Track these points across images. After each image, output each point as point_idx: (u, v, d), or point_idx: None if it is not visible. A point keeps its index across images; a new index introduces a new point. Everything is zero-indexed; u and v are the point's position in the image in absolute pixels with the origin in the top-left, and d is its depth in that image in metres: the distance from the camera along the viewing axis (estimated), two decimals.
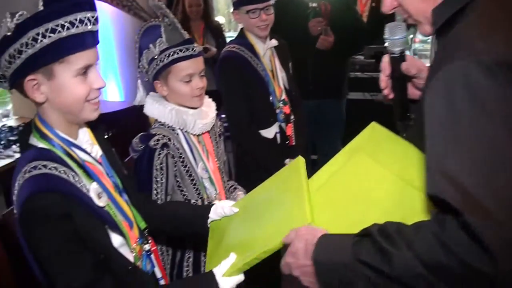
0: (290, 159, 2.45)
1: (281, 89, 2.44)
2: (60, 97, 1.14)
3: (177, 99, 1.73)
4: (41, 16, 1.04)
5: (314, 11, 3.28)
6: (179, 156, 1.70)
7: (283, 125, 2.43)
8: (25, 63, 1.06)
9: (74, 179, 1.14)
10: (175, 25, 1.68)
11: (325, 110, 3.60)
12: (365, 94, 4.45)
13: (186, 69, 1.68)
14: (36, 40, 1.05)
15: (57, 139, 1.18)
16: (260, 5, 2.27)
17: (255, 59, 2.34)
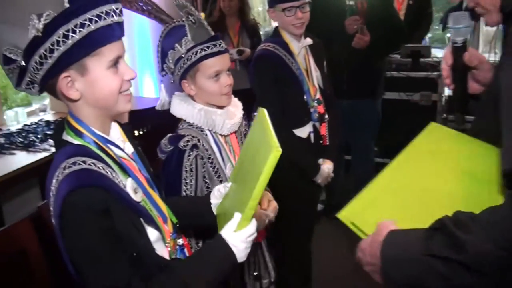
0: (324, 159, 2.44)
1: (315, 88, 2.41)
2: (95, 91, 1.14)
3: (206, 97, 1.72)
4: (68, 12, 1.05)
5: (351, 9, 3.25)
6: (208, 157, 1.69)
7: (317, 124, 2.41)
8: (58, 61, 1.07)
9: (112, 175, 1.15)
10: (200, 22, 1.66)
11: (359, 110, 3.57)
12: (400, 94, 4.37)
13: (214, 65, 1.67)
14: (67, 36, 1.05)
15: (92, 135, 1.19)
16: (296, 3, 2.25)
17: (289, 57, 2.32)
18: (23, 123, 3.54)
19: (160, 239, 1.29)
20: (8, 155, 2.93)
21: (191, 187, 1.65)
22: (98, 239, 1.08)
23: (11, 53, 1.07)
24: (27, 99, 4.12)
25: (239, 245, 1.21)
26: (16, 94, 4.69)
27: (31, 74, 1.10)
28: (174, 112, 1.75)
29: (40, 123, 3.50)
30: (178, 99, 1.74)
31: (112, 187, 1.12)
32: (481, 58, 1.32)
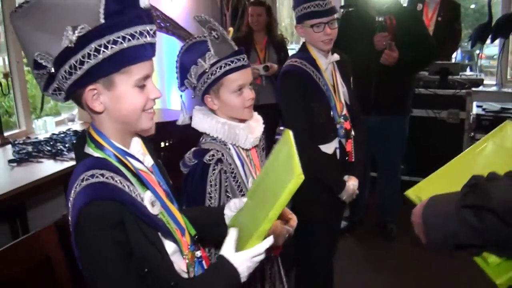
0: (349, 175, 2.42)
1: (342, 104, 2.40)
2: (118, 106, 1.16)
3: (229, 111, 1.72)
4: (102, 28, 1.06)
5: (381, 26, 3.25)
6: (231, 171, 1.68)
7: (343, 140, 2.39)
8: (86, 73, 1.08)
9: (129, 189, 1.15)
10: (223, 37, 1.66)
11: (387, 127, 3.55)
12: (428, 111, 4.33)
13: (238, 80, 1.67)
14: (98, 51, 1.06)
15: (112, 148, 1.20)
16: (325, 19, 2.26)
17: (317, 73, 2.31)
18: (51, 132, 3.59)
19: (177, 251, 1.29)
20: (35, 163, 2.97)
21: (215, 201, 1.65)
22: (109, 252, 1.09)
23: (42, 59, 1.09)
24: (56, 108, 4.19)
25: (242, 264, 1.21)
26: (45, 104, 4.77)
27: (59, 81, 1.11)
28: (196, 126, 1.75)
29: (68, 132, 3.55)
30: (201, 114, 1.75)
31: (128, 200, 1.13)
32: None
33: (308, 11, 2.25)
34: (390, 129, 3.58)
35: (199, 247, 1.38)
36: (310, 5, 2.24)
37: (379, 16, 3.27)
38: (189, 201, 1.65)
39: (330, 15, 2.27)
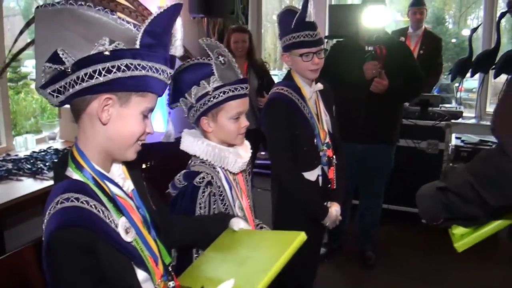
0: (332, 202, 2.46)
1: (325, 132, 2.44)
2: (121, 125, 1.18)
3: (222, 136, 1.75)
4: (137, 52, 1.12)
5: (371, 55, 3.31)
6: (219, 194, 1.70)
7: (325, 168, 2.43)
8: (109, 82, 1.11)
9: (104, 214, 1.15)
10: (230, 64, 1.70)
11: (373, 156, 3.60)
12: (408, 141, 4.40)
13: (238, 107, 1.71)
14: (128, 68, 1.11)
15: (91, 170, 1.20)
16: (313, 49, 2.31)
17: (302, 101, 2.35)
18: (31, 149, 3.57)
19: (149, 280, 1.27)
20: (15, 181, 2.94)
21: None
22: (77, 278, 1.08)
23: (64, 55, 1.10)
24: (37, 126, 4.16)
25: None
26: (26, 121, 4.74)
27: (68, 82, 1.12)
28: (186, 149, 1.76)
29: (48, 150, 3.53)
30: (191, 137, 1.76)
31: (100, 227, 1.13)
32: None
33: (297, 40, 2.29)
34: (376, 158, 3.62)
35: (173, 277, 1.37)
36: (300, 35, 2.28)
37: (369, 46, 3.34)
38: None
39: (318, 45, 2.33)
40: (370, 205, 3.85)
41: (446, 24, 11.09)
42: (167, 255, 1.37)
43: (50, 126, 3.97)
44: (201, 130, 1.78)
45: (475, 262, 3.87)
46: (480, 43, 5.57)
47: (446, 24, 11.12)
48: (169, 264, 1.37)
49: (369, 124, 3.44)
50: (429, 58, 4.96)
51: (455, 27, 11.10)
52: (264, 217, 2.13)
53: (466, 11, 11.24)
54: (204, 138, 1.77)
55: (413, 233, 4.43)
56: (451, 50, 10.11)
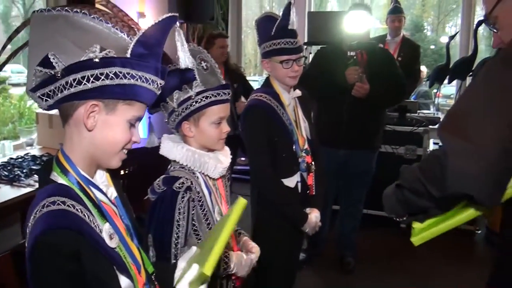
0: (311, 208, 2.47)
1: (304, 139, 2.46)
2: (106, 132, 1.18)
3: (203, 141, 1.75)
4: (127, 61, 1.12)
5: (353, 60, 3.35)
6: (198, 199, 1.70)
7: (304, 174, 2.44)
8: (96, 89, 1.12)
9: (89, 219, 1.15)
10: (213, 70, 1.70)
11: (355, 162, 3.63)
12: (386, 147, 4.45)
13: (220, 112, 1.71)
14: (117, 76, 1.12)
15: (76, 175, 1.20)
16: (293, 56, 2.32)
17: (281, 108, 2.36)
18: (9, 156, 3.52)
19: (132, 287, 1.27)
20: None
21: (183, 229, 1.65)
22: (60, 283, 1.08)
23: (54, 59, 1.11)
24: (15, 132, 4.11)
25: None
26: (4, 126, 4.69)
27: (57, 87, 1.13)
28: (165, 154, 1.75)
29: (26, 157, 3.49)
30: (171, 141, 1.76)
31: (87, 231, 1.12)
32: None
33: (278, 47, 2.30)
34: (358, 164, 3.65)
35: (155, 286, 1.36)
36: (281, 42, 2.29)
37: (351, 51, 3.37)
38: (157, 228, 1.64)
39: (298, 53, 2.34)
40: (351, 211, 3.88)
41: (424, 31, 11.27)
42: (150, 264, 1.37)
43: (28, 132, 3.93)
44: (181, 135, 1.78)
45: (454, 266, 3.93)
46: (458, 50, 5.66)
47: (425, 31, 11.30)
48: (152, 273, 1.37)
49: (351, 130, 3.46)
50: (407, 65, 5.00)
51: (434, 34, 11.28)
52: (243, 223, 2.12)
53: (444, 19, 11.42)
54: (184, 143, 1.76)
55: (392, 238, 4.46)
56: (430, 57, 10.25)
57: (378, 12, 10.25)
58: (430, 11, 11.59)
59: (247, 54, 9.38)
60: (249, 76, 10.94)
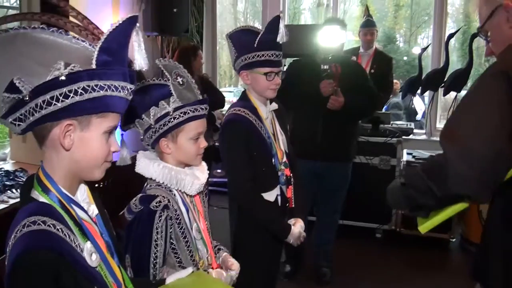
0: (295, 218, 2.47)
1: (282, 152, 2.46)
2: (85, 148, 1.17)
3: (181, 157, 1.74)
4: (93, 73, 1.10)
5: (327, 74, 3.39)
6: (176, 217, 1.67)
7: (283, 187, 2.44)
8: (68, 107, 1.10)
9: (70, 238, 1.14)
10: (189, 85, 1.69)
11: (331, 173, 3.69)
12: (360, 158, 4.51)
13: (198, 128, 1.71)
14: (86, 90, 1.10)
15: (58, 193, 1.19)
16: (276, 69, 2.34)
17: (259, 122, 2.37)
18: None
19: None
20: None
21: (161, 248, 1.63)
22: None
23: (20, 83, 1.09)
24: None
25: None
26: None
27: (28, 110, 1.10)
28: (141, 172, 1.73)
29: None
30: (147, 159, 1.73)
31: (67, 251, 1.11)
32: None
33: (262, 59, 2.30)
34: (334, 175, 3.69)
35: None
36: (266, 53, 2.29)
37: (325, 65, 3.42)
38: (134, 248, 1.62)
39: (281, 65, 2.37)
40: (328, 222, 3.91)
41: (397, 43, 11.44)
42: (130, 282, 1.35)
43: (1, 147, 3.87)
44: (157, 152, 1.76)
45: (430, 275, 3.97)
46: (430, 61, 5.76)
47: (397, 43, 11.47)
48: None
49: (327, 142, 3.52)
50: (380, 77, 5.08)
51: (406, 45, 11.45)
52: (221, 236, 2.13)
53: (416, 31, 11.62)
54: (160, 160, 1.74)
55: (368, 248, 4.51)
56: (402, 68, 10.41)
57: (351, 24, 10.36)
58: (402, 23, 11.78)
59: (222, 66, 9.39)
60: (224, 87, 11.00)
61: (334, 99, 3.38)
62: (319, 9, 10.54)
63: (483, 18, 1.66)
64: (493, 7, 1.62)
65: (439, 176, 1.53)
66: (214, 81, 6.29)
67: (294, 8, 10.60)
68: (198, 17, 5.91)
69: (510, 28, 1.60)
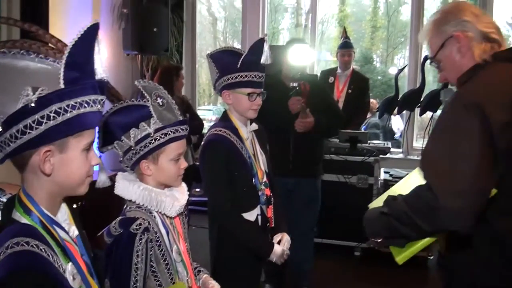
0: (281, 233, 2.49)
1: (262, 172, 2.48)
2: (67, 170, 1.17)
3: (162, 178, 1.72)
4: (62, 93, 1.09)
5: (296, 91, 3.45)
6: (156, 240, 1.65)
7: (264, 207, 2.45)
8: (43, 134, 1.09)
9: (53, 259, 1.14)
10: (169, 106, 1.67)
11: (303, 189, 3.73)
12: (339, 177, 4.55)
13: (179, 149, 1.69)
14: (58, 113, 1.09)
15: (40, 215, 1.18)
16: (258, 90, 2.37)
17: (239, 142, 2.38)
18: None
19: None
20: None
21: (141, 272, 1.59)
22: None
23: None
24: None
25: None
26: None
27: (3, 141, 1.10)
28: (121, 194, 1.70)
29: None
30: (126, 181, 1.70)
31: (51, 271, 1.11)
32: None
33: (245, 79, 2.32)
34: (305, 191, 3.74)
35: None
36: (250, 74, 2.31)
37: (294, 82, 3.48)
38: (114, 272, 1.59)
39: (262, 87, 2.40)
40: (303, 240, 3.90)
41: (374, 63, 11.60)
42: None
43: None
44: (136, 173, 1.73)
45: None
46: (406, 81, 5.86)
47: (374, 63, 11.64)
48: None
49: (298, 159, 3.59)
50: (357, 97, 5.17)
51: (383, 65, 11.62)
52: (201, 256, 2.12)
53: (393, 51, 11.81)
54: (140, 181, 1.72)
55: (347, 266, 4.52)
56: (379, 87, 10.56)
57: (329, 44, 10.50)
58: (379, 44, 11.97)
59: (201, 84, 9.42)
60: (203, 105, 11.03)
61: (301, 122, 3.47)
62: (298, 29, 10.68)
63: (435, 48, 1.78)
64: (445, 38, 1.74)
65: (427, 214, 1.57)
66: (193, 99, 6.33)
67: (273, 28, 10.72)
68: (178, 36, 5.94)
69: (461, 57, 1.72)
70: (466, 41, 1.70)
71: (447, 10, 1.80)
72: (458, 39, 1.70)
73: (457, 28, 1.71)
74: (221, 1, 11.28)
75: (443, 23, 1.75)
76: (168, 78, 4.66)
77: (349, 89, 5.22)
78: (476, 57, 1.70)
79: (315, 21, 6.31)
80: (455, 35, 1.71)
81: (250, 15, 6.29)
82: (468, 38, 1.69)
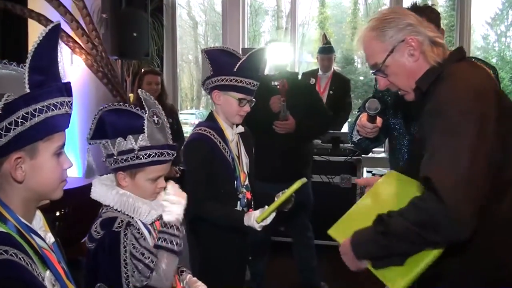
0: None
1: (245, 175, 2.48)
2: (39, 175, 1.17)
3: (136, 192, 1.68)
4: (29, 97, 1.09)
5: (276, 90, 3.45)
6: (141, 236, 1.64)
7: (245, 209, 2.43)
8: (12, 140, 1.09)
9: (32, 267, 1.13)
10: (163, 126, 1.65)
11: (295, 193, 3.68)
12: (322, 177, 4.57)
13: (160, 171, 1.67)
14: (26, 118, 1.09)
15: (16, 223, 1.18)
16: (249, 97, 2.38)
17: (223, 143, 2.38)
18: None
19: None
20: None
21: (131, 267, 1.57)
22: None
23: None
24: None
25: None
26: None
27: None
28: (98, 198, 1.67)
29: None
30: (103, 186, 1.68)
31: (30, 280, 1.11)
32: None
33: (240, 85, 2.32)
34: (297, 195, 3.72)
35: None
36: (244, 80, 2.32)
37: (274, 82, 3.48)
38: (105, 275, 1.57)
39: (253, 95, 2.41)
40: (304, 241, 3.93)
41: (355, 64, 11.68)
42: None
43: None
44: (115, 178, 1.71)
45: None
46: None
47: (355, 64, 11.71)
48: None
49: (285, 163, 3.54)
50: (338, 98, 5.20)
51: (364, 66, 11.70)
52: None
53: None
54: (117, 185, 1.70)
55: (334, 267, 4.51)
56: (360, 88, 10.64)
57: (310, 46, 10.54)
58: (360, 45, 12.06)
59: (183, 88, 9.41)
60: (185, 109, 11.01)
61: (282, 124, 3.44)
62: (278, 32, 10.72)
63: (381, 54, 1.73)
64: (394, 43, 1.70)
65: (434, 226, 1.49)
66: (175, 103, 6.29)
67: (254, 31, 10.75)
68: (158, 41, 5.92)
69: (414, 61, 1.70)
70: (418, 44, 1.68)
71: (387, 15, 1.75)
72: (411, 43, 1.68)
73: (405, 32, 1.69)
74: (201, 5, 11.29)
75: (387, 27, 1.71)
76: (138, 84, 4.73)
77: (330, 90, 5.25)
78: (430, 60, 1.69)
79: (295, 23, 6.34)
80: (408, 39, 1.68)
81: (231, 18, 6.29)
82: (419, 42, 1.68)
